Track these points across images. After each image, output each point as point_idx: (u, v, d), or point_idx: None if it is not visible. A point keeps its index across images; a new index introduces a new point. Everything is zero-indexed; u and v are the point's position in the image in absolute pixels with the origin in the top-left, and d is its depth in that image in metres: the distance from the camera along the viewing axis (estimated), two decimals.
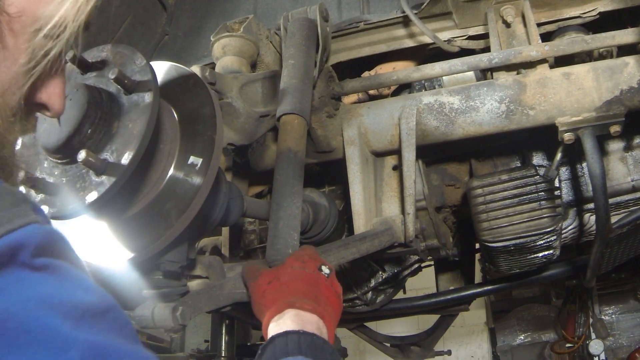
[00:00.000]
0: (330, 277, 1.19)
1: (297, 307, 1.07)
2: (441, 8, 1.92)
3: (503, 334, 6.04)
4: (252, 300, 1.18)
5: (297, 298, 1.09)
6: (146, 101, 1.10)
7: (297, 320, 1.05)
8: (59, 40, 0.78)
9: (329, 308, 1.12)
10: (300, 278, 1.15)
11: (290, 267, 1.17)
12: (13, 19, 0.73)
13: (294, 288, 1.12)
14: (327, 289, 1.16)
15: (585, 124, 1.62)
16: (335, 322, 1.15)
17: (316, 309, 1.08)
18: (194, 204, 1.19)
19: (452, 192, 2.13)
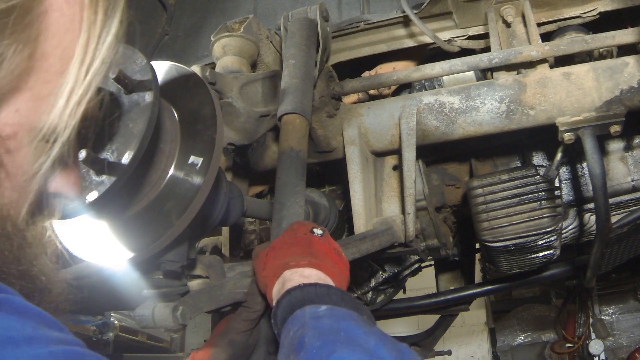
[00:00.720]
0: (324, 236, 1.18)
1: (292, 266, 1.08)
2: (441, 8, 1.92)
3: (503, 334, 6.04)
4: (257, 278, 1.19)
5: (291, 258, 1.09)
6: (146, 101, 1.10)
7: (296, 277, 1.05)
8: (60, 140, 0.73)
9: (327, 261, 1.11)
10: (292, 242, 1.15)
11: (283, 237, 1.19)
12: (8, 140, 0.69)
13: (288, 252, 1.13)
14: (323, 245, 1.15)
15: (585, 123, 1.62)
16: (341, 275, 1.13)
17: (312, 262, 1.08)
18: (194, 203, 1.19)
19: (452, 192, 2.13)
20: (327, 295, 1.00)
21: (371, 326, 0.92)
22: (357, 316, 0.94)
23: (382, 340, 0.87)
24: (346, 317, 0.93)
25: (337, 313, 0.94)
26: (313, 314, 0.94)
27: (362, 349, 0.83)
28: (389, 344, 0.87)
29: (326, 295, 0.99)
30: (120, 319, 5.99)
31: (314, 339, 0.88)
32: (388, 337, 0.90)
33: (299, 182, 1.38)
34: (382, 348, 0.85)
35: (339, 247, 1.20)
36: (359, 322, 0.92)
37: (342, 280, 1.12)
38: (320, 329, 0.90)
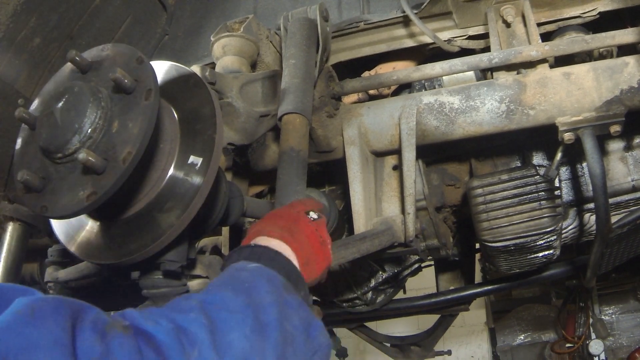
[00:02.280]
0: (316, 221, 1.15)
1: (265, 232, 1.07)
2: (441, 8, 1.92)
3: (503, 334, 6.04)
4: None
5: (270, 226, 1.09)
6: (146, 101, 1.10)
7: (259, 242, 1.06)
8: None
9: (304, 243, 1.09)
10: (280, 215, 1.15)
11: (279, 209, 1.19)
12: None
13: (272, 220, 1.12)
14: (308, 228, 1.12)
15: (585, 123, 1.62)
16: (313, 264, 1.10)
17: (284, 237, 1.07)
18: (194, 203, 1.19)
19: (452, 192, 2.13)
20: (269, 259, 1.01)
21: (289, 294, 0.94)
22: (282, 281, 0.96)
23: (282, 305, 0.90)
24: (268, 277, 0.95)
25: (262, 271, 0.96)
26: (240, 267, 0.97)
27: (248, 301, 0.86)
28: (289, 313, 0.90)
29: (268, 259, 1.00)
30: None
31: (216, 281, 0.93)
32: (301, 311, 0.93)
33: (300, 181, 1.38)
34: (272, 308, 0.87)
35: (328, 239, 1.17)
36: (276, 286, 0.93)
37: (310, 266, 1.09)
38: (230, 276, 0.94)
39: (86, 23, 2.24)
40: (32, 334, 0.64)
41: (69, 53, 1.17)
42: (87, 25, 2.25)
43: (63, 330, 0.67)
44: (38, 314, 0.67)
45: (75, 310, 0.72)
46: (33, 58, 2.12)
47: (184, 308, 0.82)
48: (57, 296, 0.73)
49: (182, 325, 0.77)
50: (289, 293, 0.94)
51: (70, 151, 1.09)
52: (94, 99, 1.10)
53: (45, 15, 2.08)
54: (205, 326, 0.78)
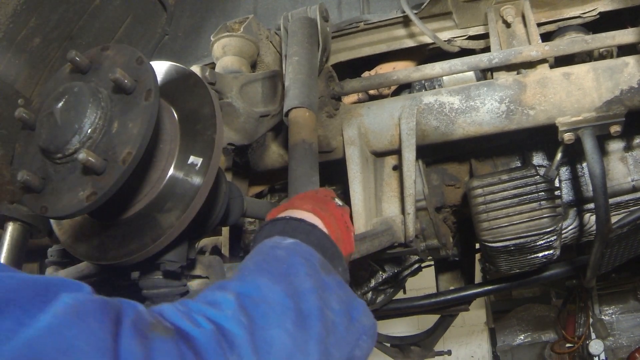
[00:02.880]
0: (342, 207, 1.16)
1: (296, 206, 1.07)
2: (441, 8, 1.92)
3: (503, 334, 6.04)
4: None
5: (300, 200, 1.09)
6: (146, 101, 1.10)
7: (292, 214, 1.05)
8: None
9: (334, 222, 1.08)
10: (309, 196, 1.15)
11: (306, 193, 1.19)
12: None
13: (303, 197, 1.13)
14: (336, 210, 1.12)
15: (585, 124, 1.62)
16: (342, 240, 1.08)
17: (317, 211, 1.06)
18: (194, 203, 1.19)
19: (452, 192, 2.13)
20: (305, 233, 0.98)
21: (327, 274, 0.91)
22: (320, 260, 0.93)
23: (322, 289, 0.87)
24: (305, 255, 0.92)
25: (299, 248, 0.94)
26: (275, 243, 0.94)
27: (287, 286, 0.83)
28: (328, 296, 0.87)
29: (304, 233, 0.98)
30: None
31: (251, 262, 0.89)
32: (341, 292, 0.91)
33: (314, 173, 1.36)
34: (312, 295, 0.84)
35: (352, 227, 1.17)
36: (314, 266, 0.90)
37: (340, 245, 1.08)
38: (265, 255, 0.90)
39: (86, 23, 2.24)
40: (76, 337, 0.62)
41: (68, 53, 1.17)
42: (87, 25, 2.25)
43: (107, 333, 0.65)
44: (82, 314, 0.64)
45: (117, 310, 0.69)
46: (33, 58, 2.12)
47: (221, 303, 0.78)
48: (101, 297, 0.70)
49: (221, 325, 0.74)
50: (327, 273, 0.92)
51: (70, 151, 1.09)
52: (94, 100, 1.10)
53: (45, 15, 2.08)
54: (245, 326, 0.75)
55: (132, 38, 2.42)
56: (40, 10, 2.06)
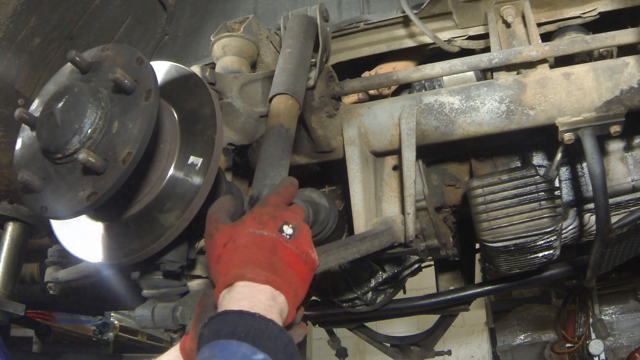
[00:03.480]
0: (293, 237, 1.03)
1: (248, 278, 0.95)
2: (441, 8, 1.92)
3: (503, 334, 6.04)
4: (208, 262, 1.05)
5: (248, 268, 0.96)
6: (146, 101, 1.10)
7: (246, 293, 0.94)
8: None
9: (289, 275, 1.00)
10: (255, 242, 1.00)
11: (247, 228, 1.02)
12: None
13: (248, 255, 0.99)
14: (289, 253, 1.01)
15: (585, 124, 1.62)
16: (300, 289, 1.02)
17: (270, 279, 0.96)
18: (194, 203, 1.19)
19: (452, 192, 2.13)
20: (272, 339, 0.89)
21: None
22: None
23: None
24: None
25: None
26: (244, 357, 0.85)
27: None
28: None
29: (270, 341, 0.88)
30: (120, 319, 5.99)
31: None
32: None
33: (285, 156, 1.28)
34: None
35: (310, 250, 1.06)
36: None
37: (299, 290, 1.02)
38: None
39: (86, 23, 2.25)
40: None
41: (69, 53, 1.17)
42: (87, 25, 2.25)
43: None
44: None
45: None
46: (33, 58, 2.12)
47: None
48: None
49: None
50: None
51: (70, 151, 1.09)
52: (94, 100, 1.10)
53: (45, 15, 2.08)
54: None
55: (132, 38, 2.42)
56: (40, 10, 2.06)
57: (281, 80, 1.46)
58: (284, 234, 1.03)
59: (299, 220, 1.07)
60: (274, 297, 0.95)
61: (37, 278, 2.72)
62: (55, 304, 3.56)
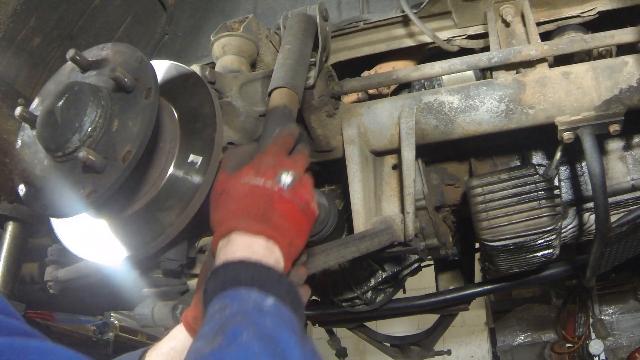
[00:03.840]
0: (292, 185, 1.00)
1: (242, 229, 0.95)
2: (441, 7, 1.92)
3: (503, 334, 6.04)
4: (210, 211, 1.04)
5: (243, 219, 0.96)
6: (146, 100, 1.10)
7: (242, 244, 0.94)
8: None
9: (284, 226, 0.98)
10: (250, 193, 0.98)
11: (243, 178, 1.00)
12: None
13: (242, 206, 0.97)
14: (285, 204, 0.99)
15: (584, 123, 1.62)
16: (297, 240, 1.01)
17: (265, 231, 0.95)
18: (194, 202, 1.19)
19: (452, 191, 2.13)
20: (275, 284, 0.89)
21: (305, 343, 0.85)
22: (297, 327, 0.87)
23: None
24: (288, 325, 0.85)
25: (281, 316, 0.86)
26: (258, 306, 0.85)
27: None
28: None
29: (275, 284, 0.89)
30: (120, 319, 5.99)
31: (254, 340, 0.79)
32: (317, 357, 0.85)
33: None
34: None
35: (308, 198, 1.03)
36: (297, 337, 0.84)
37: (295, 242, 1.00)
38: (261, 332, 0.81)
39: (86, 23, 2.25)
40: None
41: (68, 52, 1.17)
42: (87, 25, 2.26)
43: None
44: None
45: None
46: (33, 58, 2.12)
47: None
48: None
49: None
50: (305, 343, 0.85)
51: (70, 150, 1.09)
52: (94, 98, 1.10)
53: (45, 15, 2.09)
54: None
55: (132, 38, 2.43)
56: (40, 10, 2.06)
57: (280, 75, 1.46)
58: (281, 182, 1.00)
59: (299, 168, 1.04)
60: (268, 248, 0.95)
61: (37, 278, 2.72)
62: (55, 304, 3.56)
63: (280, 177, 1.00)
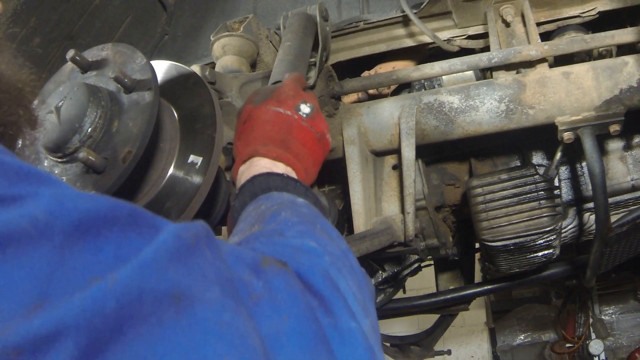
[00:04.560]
0: (310, 116, 1.07)
1: (262, 153, 1.01)
2: (441, 7, 1.92)
3: (503, 334, 6.04)
4: (234, 140, 1.11)
5: (263, 145, 1.02)
6: (146, 100, 1.10)
7: (263, 165, 1.00)
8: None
9: (301, 153, 1.04)
10: (271, 120, 1.05)
11: (265, 106, 1.07)
12: None
13: (263, 132, 1.04)
14: (303, 132, 1.05)
15: (584, 123, 1.62)
16: (312, 168, 1.06)
17: (283, 156, 1.01)
18: (194, 203, 1.19)
19: (452, 191, 2.13)
20: (304, 192, 0.94)
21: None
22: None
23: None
24: (322, 216, 0.89)
25: (314, 210, 0.89)
26: (292, 200, 0.88)
27: (337, 246, 0.77)
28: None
29: (304, 193, 0.93)
30: None
31: (292, 216, 0.80)
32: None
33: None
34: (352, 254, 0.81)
35: (324, 129, 1.10)
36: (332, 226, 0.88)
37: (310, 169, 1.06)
38: (299, 213, 0.83)
39: (86, 23, 2.25)
40: (199, 265, 0.52)
41: (68, 52, 1.17)
42: (87, 25, 2.26)
43: (223, 262, 0.56)
44: (198, 242, 0.54)
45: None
46: (33, 58, 2.12)
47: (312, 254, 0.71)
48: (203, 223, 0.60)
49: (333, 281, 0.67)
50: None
51: (70, 150, 1.09)
52: (94, 99, 1.10)
53: (45, 15, 2.09)
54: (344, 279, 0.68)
55: (132, 38, 2.42)
56: (40, 10, 2.06)
57: (280, 70, 1.46)
58: (300, 112, 1.07)
59: (316, 103, 1.11)
60: (287, 171, 1.00)
61: None
62: None
63: (299, 107, 1.07)
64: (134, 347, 0.43)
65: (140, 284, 0.46)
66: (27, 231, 0.44)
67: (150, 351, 0.44)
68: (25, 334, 0.40)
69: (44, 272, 0.43)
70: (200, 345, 0.46)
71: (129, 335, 0.43)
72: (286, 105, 1.07)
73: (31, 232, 0.44)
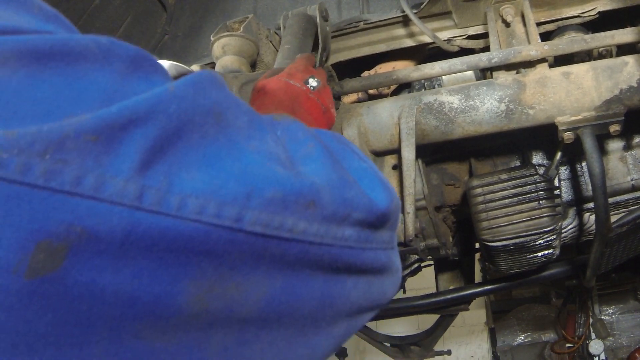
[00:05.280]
0: (316, 89, 1.18)
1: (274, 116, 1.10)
2: (441, 7, 1.92)
3: (503, 334, 6.04)
4: None
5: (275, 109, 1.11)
6: None
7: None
8: None
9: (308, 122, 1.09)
10: (282, 88, 1.15)
11: (277, 78, 1.18)
12: None
13: (275, 97, 1.14)
14: (309, 102, 1.15)
15: (584, 123, 1.62)
16: None
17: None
18: None
19: (452, 191, 2.13)
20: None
21: None
22: None
23: None
24: None
25: None
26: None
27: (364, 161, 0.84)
28: None
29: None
30: None
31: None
32: None
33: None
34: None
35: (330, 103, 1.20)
36: None
37: None
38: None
39: (86, 23, 2.25)
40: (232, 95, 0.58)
41: None
42: (87, 25, 2.26)
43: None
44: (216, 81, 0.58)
45: None
46: None
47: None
48: None
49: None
50: None
51: None
52: None
53: None
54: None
55: (132, 38, 2.42)
56: None
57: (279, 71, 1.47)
58: (308, 85, 1.17)
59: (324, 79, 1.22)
60: None
61: None
62: None
63: (308, 80, 1.18)
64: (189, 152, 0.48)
65: (193, 96, 0.51)
66: (94, 51, 0.48)
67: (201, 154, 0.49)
68: (101, 120, 0.43)
69: (111, 88, 0.47)
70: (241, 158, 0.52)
71: (184, 139, 0.48)
72: (296, 78, 1.17)
73: (97, 52, 0.49)
